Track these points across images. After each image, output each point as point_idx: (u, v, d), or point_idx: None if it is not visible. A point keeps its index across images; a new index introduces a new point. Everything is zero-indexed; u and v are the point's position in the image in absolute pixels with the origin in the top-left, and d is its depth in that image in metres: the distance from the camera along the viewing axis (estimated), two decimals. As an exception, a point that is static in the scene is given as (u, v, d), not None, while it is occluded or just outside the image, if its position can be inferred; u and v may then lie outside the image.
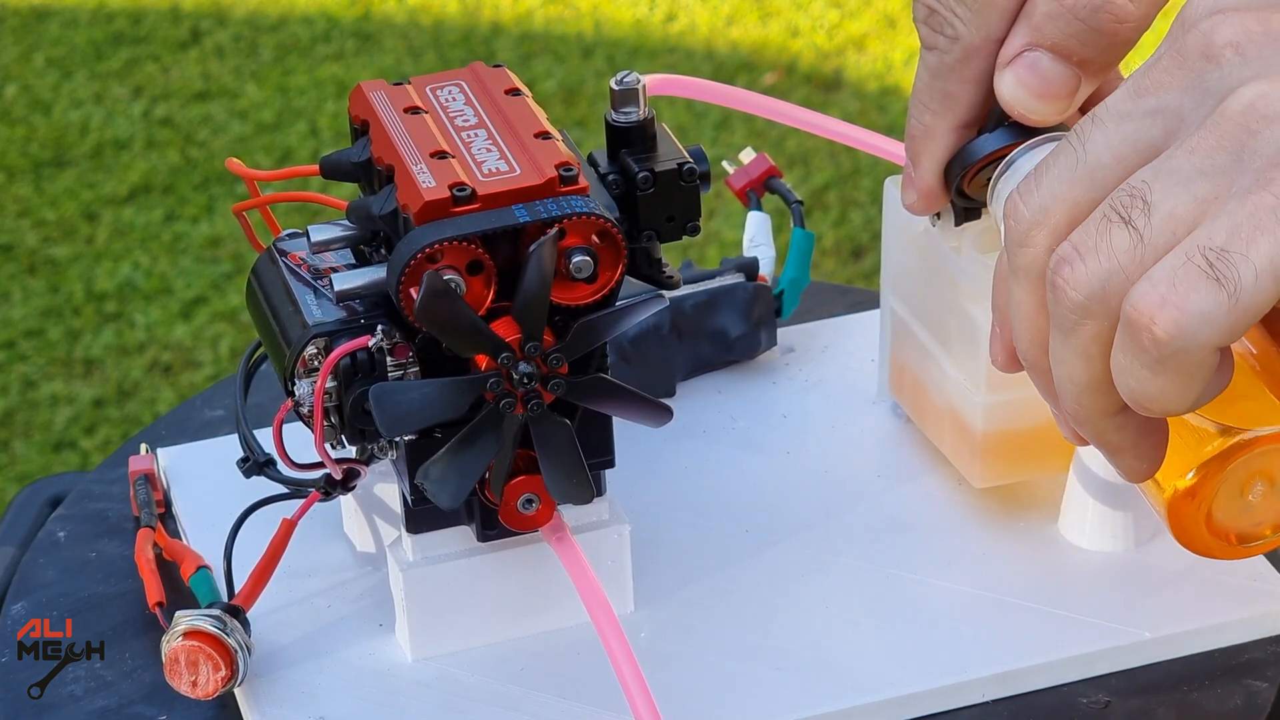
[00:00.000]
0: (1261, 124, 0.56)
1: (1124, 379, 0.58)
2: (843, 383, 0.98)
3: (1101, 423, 0.61)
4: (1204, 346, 0.56)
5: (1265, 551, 0.66)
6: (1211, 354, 0.57)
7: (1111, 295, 0.58)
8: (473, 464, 0.77)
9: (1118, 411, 0.60)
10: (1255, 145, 0.56)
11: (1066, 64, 0.68)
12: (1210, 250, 0.56)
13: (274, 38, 2.65)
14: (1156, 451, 0.62)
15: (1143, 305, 0.56)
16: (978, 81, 0.70)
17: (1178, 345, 0.56)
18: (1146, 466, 0.63)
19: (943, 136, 0.72)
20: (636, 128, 0.80)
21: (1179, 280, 0.56)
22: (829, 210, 2.24)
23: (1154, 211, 0.57)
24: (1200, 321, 0.56)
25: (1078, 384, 0.60)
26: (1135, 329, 0.57)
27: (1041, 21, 0.67)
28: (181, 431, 0.98)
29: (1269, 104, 0.56)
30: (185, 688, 0.80)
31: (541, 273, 0.74)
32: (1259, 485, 0.64)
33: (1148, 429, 0.62)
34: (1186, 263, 0.56)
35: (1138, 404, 0.58)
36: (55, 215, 2.33)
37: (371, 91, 0.81)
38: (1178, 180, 0.57)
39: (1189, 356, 0.56)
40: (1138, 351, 0.57)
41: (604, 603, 0.78)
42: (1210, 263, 0.55)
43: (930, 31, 0.70)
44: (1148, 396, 0.58)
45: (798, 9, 2.61)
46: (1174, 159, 0.57)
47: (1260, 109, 0.56)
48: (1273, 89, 0.56)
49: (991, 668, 0.81)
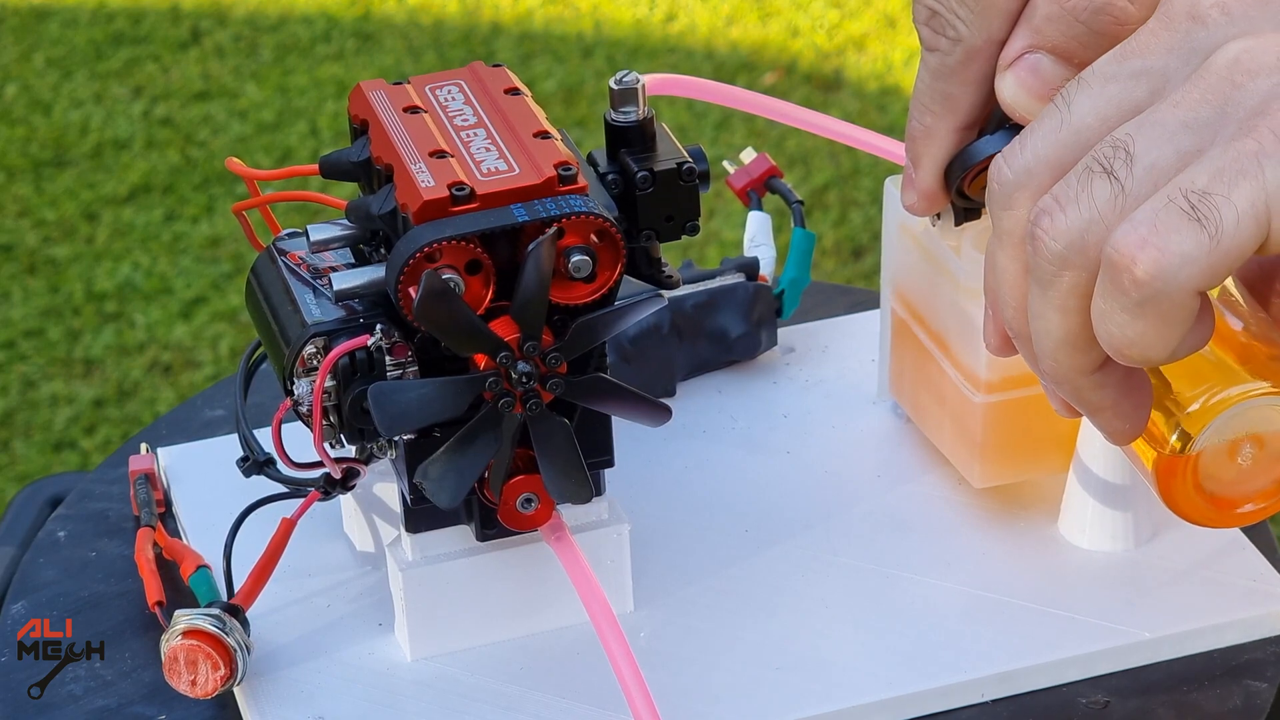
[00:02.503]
0: (1246, 77, 0.56)
1: (1104, 324, 0.58)
2: (843, 383, 0.98)
3: (1080, 380, 0.60)
4: (1184, 288, 0.56)
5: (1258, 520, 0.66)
6: (1192, 297, 0.56)
7: (1091, 245, 0.57)
8: (472, 463, 0.77)
9: (1096, 368, 0.60)
10: (1239, 97, 0.56)
11: (1068, 66, 0.68)
12: (1193, 192, 0.55)
13: (274, 38, 2.65)
14: (1138, 412, 0.62)
15: (1123, 246, 0.56)
16: (979, 83, 0.70)
17: (1158, 286, 0.56)
18: (1129, 427, 0.62)
19: (943, 138, 0.72)
20: (636, 127, 0.80)
21: (1160, 221, 0.56)
22: (829, 210, 2.24)
23: (1136, 162, 0.57)
24: (1181, 261, 0.55)
25: (1055, 338, 0.60)
26: (1116, 270, 0.56)
27: (1042, 24, 0.67)
28: (181, 431, 0.98)
29: (1253, 58, 0.56)
30: (184, 687, 0.80)
31: (540, 272, 0.74)
32: (1248, 448, 0.64)
33: (1128, 387, 0.61)
34: (1168, 204, 0.56)
35: (1117, 351, 0.58)
36: (55, 215, 2.33)
37: (371, 91, 0.81)
38: (1161, 133, 0.57)
39: (1169, 298, 0.56)
40: (1118, 294, 0.57)
41: (603, 602, 0.78)
42: (1192, 204, 0.55)
43: (931, 33, 0.70)
44: (1127, 342, 0.57)
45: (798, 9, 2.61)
46: (1158, 112, 0.57)
47: (1245, 63, 0.56)
48: (1258, 44, 0.56)
49: (991, 668, 0.81)
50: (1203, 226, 0.55)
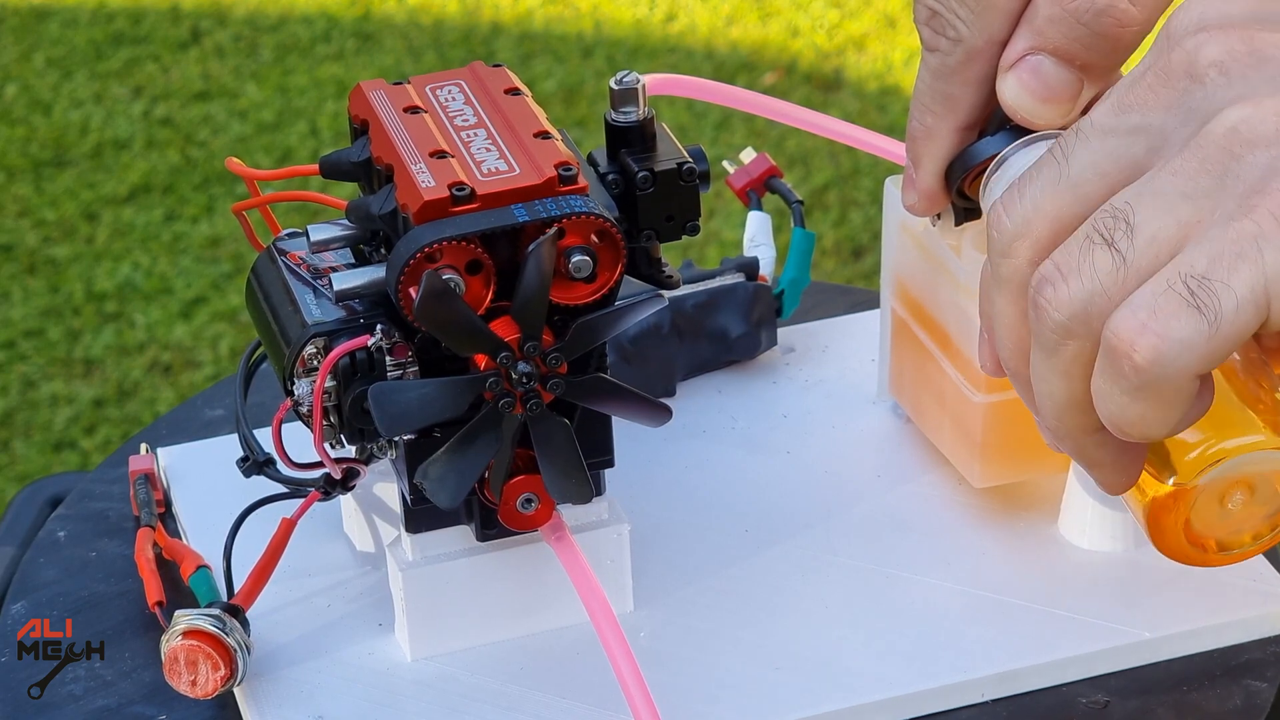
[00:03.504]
0: (1244, 148, 0.56)
1: (1104, 404, 0.58)
2: (843, 383, 0.98)
3: (1082, 439, 0.61)
4: (1183, 373, 0.56)
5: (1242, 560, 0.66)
6: (1191, 381, 0.57)
7: (1094, 317, 0.58)
8: (472, 463, 0.77)
9: (1098, 429, 0.60)
10: (1238, 170, 0.56)
11: (1069, 68, 0.68)
12: (1191, 278, 0.56)
13: (274, 38, 2.65)
14: (1135, 465, 0.62)
15: (1123, 332, 0.56)
16: (979, 84, 0.70)
17: (1157, 372, 0.56)
18: (1125, 480, 0.63)
19: (944, 138, 0.72)
20: (636, 127, 0.80)
21: (1160, 307, 0.56)
22: (829, 210, 2.24)
23: (1137, 233, 0.57)
24: (1180, 349, 0.56)
25: (1059, 402, 0.60)
26: (1115, 355, 0.57)
27: (1044, 25, 0.67)
28: (181, 431, 0.98)
29: (1251, 127, 0.56)
30: (184, 687, 0.80)
31: (540, 272, 0.74)
32: (1238, 494, 0.64)
33: (1127, 445, 0.62)
34: (1168, 290, 0.56)
35: (1117, 428, 0.59)
36: (55, 215, 2.33)
37: (371, 91, 0.81)
38: (1161, 203, 0.57)
39: (1169, 384, 0.57)
40: (1118, 378, 0.57)
41: (603, 602, 0.78)
42: (1191, 290, 0.55)
43: (932, 33, 0.70)
44: (1127, 422, 0.58)
45: (798, 9, 2.61)
46: (1157, 180, 0.57)
47: (1243, 132, 0.56)
48: (1256, 112, 0.56)
49: (991, 667, 0.81)
50: (1202, 314, 0.55)
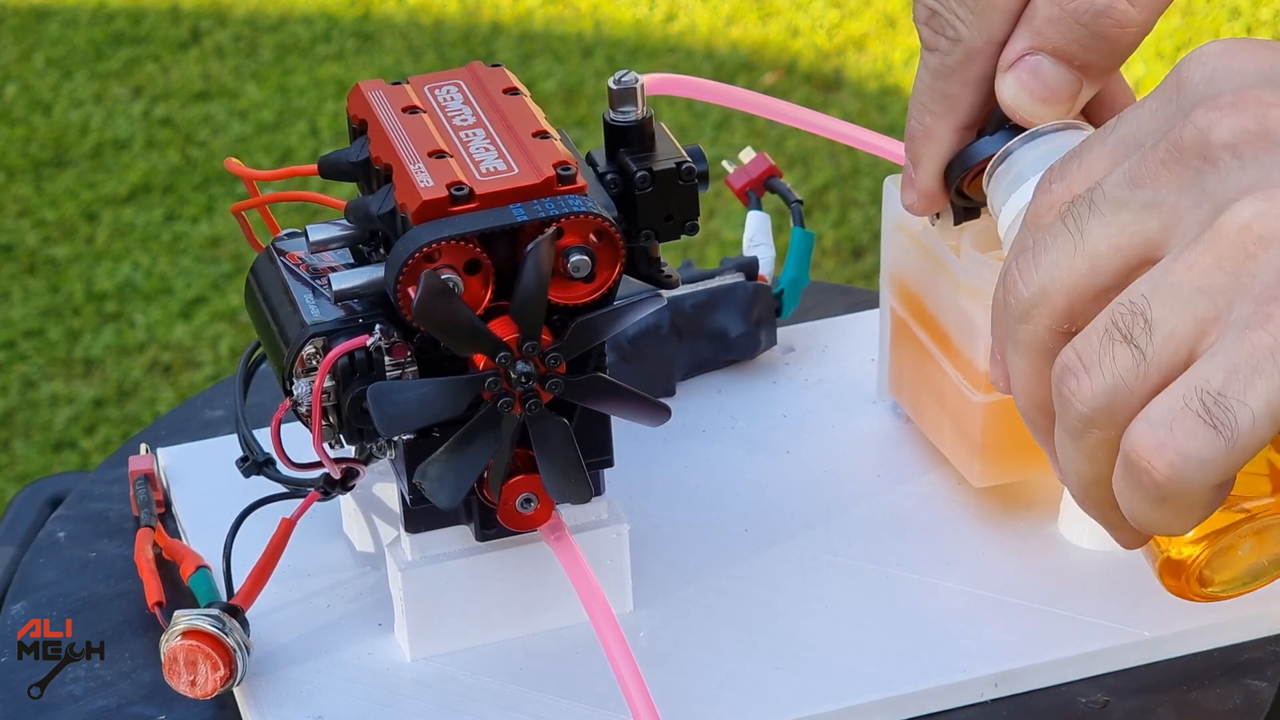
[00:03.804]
0: (1259, 246, 0.56)
1: (1126, 504, 0.60)
2: (842, 382, 0.98)
3: (1104, 508, 0.62)
4: (1201, 487, 0.57)
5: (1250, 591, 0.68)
6: (1209, 492, 0.58)
7: (1118, 410, 0.59)
8: (471, 463, 0.77)
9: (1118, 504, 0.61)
10: (1254, 269, 0.57)
11: (1068, 68, 0.68)
12: (1208, 394, 0.56)
13: (274, 38, 2.65)
14: None
15: (1142, 448, 0.57)
16: (979, 84, 0.71)
17: (1175, 487, 0.57)
18: (1143, 539, 0.64)
19: (943, 138, 0.72)
20: (635, 127, 0.80)
21: (1177, 425, 0.57)
22: (829, 210, 2.24)
23: (1155, 330, 0.58)
24: (1198, 465, 0.57)
25: (1084, 479, 0.61)
26: (1135, 469, 0.58)
27: (1043, 25, 0.68)
28: (181, 431, 0.98)
29: (1265, 224, 0.57)
30: (184, 687, 0.80)
31: (539, 272, 0.74)
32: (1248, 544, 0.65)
33: None
34: (1184, 408, 0.57)
35: (1138, 526, 0.60)
36: (55, 215, 2.33)
37: (370, 91, 0.81)
38: (1177, 298, 0.58)
39: (1187, 496, 0.58)
40: (1138, 489, 0.58)
41: (603, 602, 0.78)
42: (1208, 408, 0.56)
43: (931, 33, 0.70)
44: (1149, 523, 0.59)
45: (798, 9, 2.61)
46: (1173, 274, 0.58)
47: (1257, 230, 0.57)
48: (1270, 208, 0.57)
49: (991, 667, 0.81)
50: (1219, 432, 0.56)
